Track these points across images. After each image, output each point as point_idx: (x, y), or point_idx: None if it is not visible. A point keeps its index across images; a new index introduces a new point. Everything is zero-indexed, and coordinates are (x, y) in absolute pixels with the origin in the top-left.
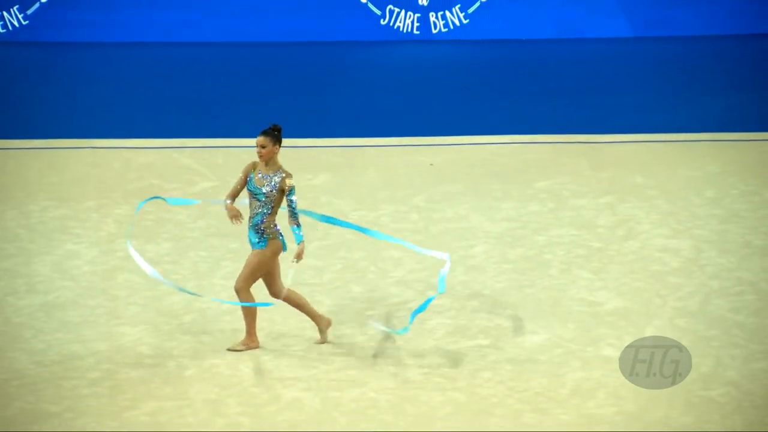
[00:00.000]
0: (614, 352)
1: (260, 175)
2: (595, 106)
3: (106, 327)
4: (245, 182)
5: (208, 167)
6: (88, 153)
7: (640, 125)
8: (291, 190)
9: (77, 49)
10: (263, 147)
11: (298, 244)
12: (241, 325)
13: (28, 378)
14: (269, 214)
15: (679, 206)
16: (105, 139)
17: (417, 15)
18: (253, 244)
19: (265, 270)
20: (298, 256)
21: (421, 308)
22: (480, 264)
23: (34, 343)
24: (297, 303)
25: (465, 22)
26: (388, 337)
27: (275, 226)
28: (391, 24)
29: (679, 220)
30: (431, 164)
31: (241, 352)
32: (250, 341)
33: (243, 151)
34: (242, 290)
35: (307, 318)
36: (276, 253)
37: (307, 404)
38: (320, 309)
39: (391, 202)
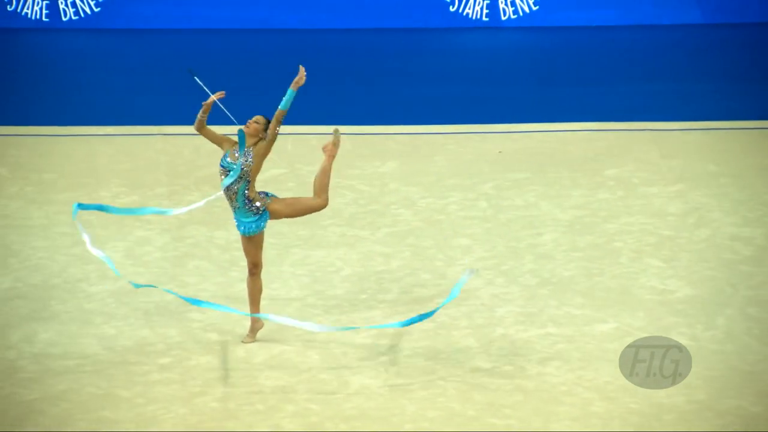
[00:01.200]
0: (686, 341)
1: (236, 153)
2: (666, 93)
3: (176, 313)
4: (213, 139)
5: (277, 153)
6: (159, 140)
7: (712, 112)
8: (264, 126)
9: (148, 35)
10: (257, 123)
11: (293, 92)
12: (305, 313)
13: (100, 363)
14: (248, 187)
15: (751, 194)
16: (175, 125)
17: (486, 2)
18: (253, 225)
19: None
20: (300, 78)
21: (428, 315)
22: (549, 252)
23: (106, 329)
24: (254, 290)
25: (534, 8)
26: (456, 324)
27: (258, 193)
28: (461, 11)
29: (751, 209)
30: (500, 152)
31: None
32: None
33: (312, 137)
34: (323, 196)
35: (375, 306)
36: (283, 199)
37: (375, 391)
38: (387, 296)
39: (459, 189)
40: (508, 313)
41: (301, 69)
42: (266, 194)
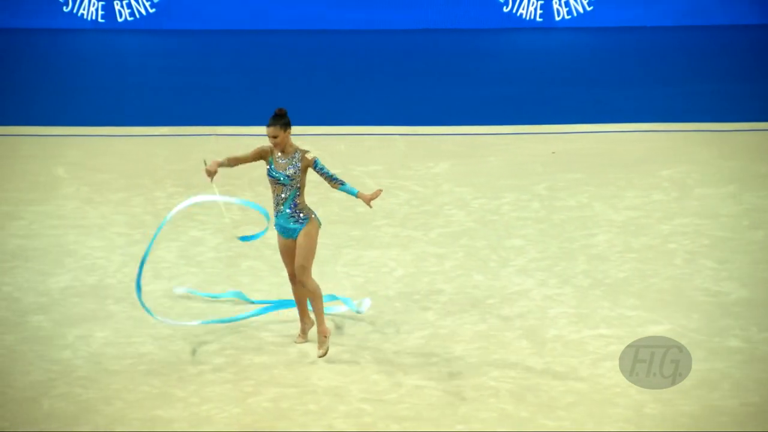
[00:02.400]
0: (740, 343)
1: (280, 160)
2: (721, 93)
3: (230, 313)
4: (252, 160)
5: (331, 154)
6: (213, 140)
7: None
8: (316, 161)
9: (202, 36)
10: (275, 137)
11: (358, 194)
12: (368, 316)
13: (154, 363)
14: (299, 195)
15: None
16: (229, 126)
17: (540, 2)
18: (292, 231)
19: (316, 245)
20: (374, 196)
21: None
22: (602, 253)
23: (160, 329)
24: (302, 297)
25: (588, 9)
26: (510, 325)
27: (307, 206)
28: (514, 11)
29: None
30: (553, 152)
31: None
32: (323, 331)
33: (366, 138)
34: (308, 275)
35: (428, 307)
36: (317, 230)
37: (428, 392)
38: (441, 297)
39: (512, 190)
40: (560, 314)
41: (377, 192)
42: (314, 212)
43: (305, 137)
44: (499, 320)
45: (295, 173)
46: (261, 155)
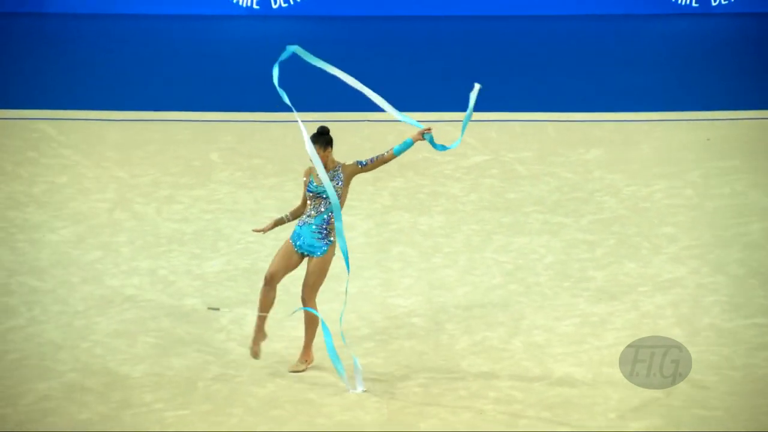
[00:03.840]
0: None
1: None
2: None
3: (380, 298)
4: (304, 194)
5: (481, 141)
6: (365, 126)
7: None
8: (359, 162)
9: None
10: (325, 153)
11: (413, 139)
12: (508, 300)
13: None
14: (332, 213)
15: None
16: (381, 112)
17: None
18: (314, 248)
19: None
20: (426, 130)
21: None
22: (757, 241)
23: None
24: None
25: None
26: (662, 314)
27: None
28: None
29: None
30: (708, 139)
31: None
32: (307, 356)
33: (516, 124)
34: (311, 300)
35: (578, 294)
36: (332, 257)
37: (579, 379)
38: (592, 285)
39: (664, 177)
40: (714, 303)
41: (427, 128)
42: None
43: (458, 123)
44: (652, 308)
45: (338, 184)
46: (305, 183)
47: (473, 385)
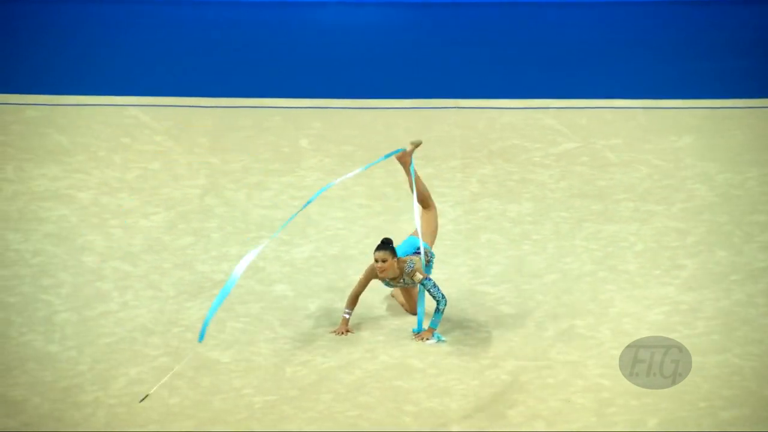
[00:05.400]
0: None
1: (390, 281)
2: None
3: (468, 285)
4: (366, 286)
5: (571, 128)
6: (453, 113)
7: None
8: (423, 283)
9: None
10: (384, 261)
11: (430, 326)
12: (596, 288)
13: (393, 333)
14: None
15: None
16: (470, 99)
17: None
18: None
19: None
20: (423, 337)
21: None
22: None
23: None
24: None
25: None
26: (754, 302)
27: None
28: None
29: None
30: None
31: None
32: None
33: (606, 111)
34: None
35: (668, 282)
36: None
37: (666, 369)
38: (682, 273)
39: (758, 165)
40: None
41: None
42: (412, 262)
43: (548, 110)
44: (743, 297)
45: (406, 283)
46: (369, 279)
47: (561, 373)
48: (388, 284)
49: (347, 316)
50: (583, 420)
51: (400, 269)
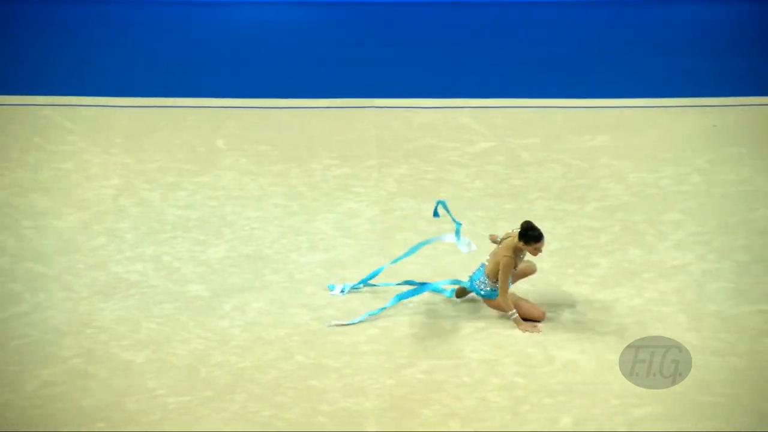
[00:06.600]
0: None
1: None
2: None
3: (383, 286)
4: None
5: (487, 127)
6: (369, 112)
7: None
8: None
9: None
10: (540, 252)
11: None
12: (521, 290)
13: (309, 333)
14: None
15: None
16: (386, 98)
17: None
18: (482, 293)
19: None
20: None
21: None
22: (763, 228)
23: (316, 299)
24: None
25: None
26: (667, 300)
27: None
28: None
29: None
30: (714, 125)
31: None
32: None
33: (522, 111)
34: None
35: (582, 281)
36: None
37: (582, 366)
38: (596, 271)
39: (671, 163)
40: (719, 290)
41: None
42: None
43: (463, 109)
44: (656, 295)
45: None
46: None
47: (477, 371)
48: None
49: (515, 315)
50: (498, 418)
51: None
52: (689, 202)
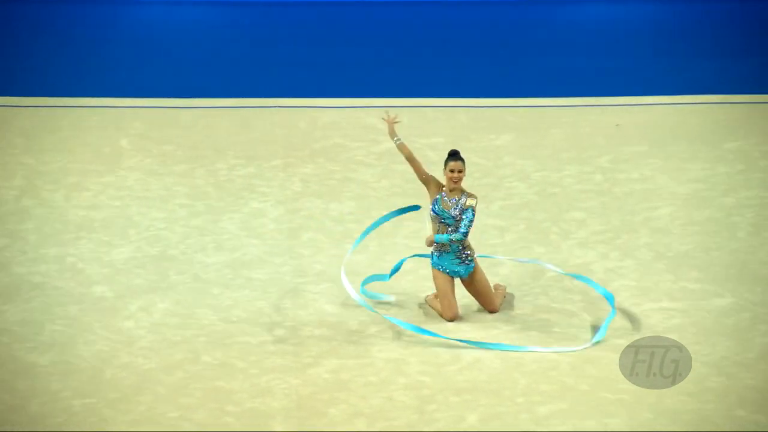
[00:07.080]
0: None
1: (446, 198)
2: None
3: (290, 285)
4: (419, 173)
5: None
6: (275, 112)
7: None
8: (468, 209)
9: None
10: (460, 172)
11: (436, 239)
12: (417, 286)
13: (216, 334)
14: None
15: None
16: (291, 98)
17: None
18: (458, 272)
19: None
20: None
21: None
22: (665, 226)
23: (222, 300)
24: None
25: None
26: (570, 299)
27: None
28: None
29: None
30: (617, 125)
31: (429, 314)
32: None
33: (428, 110)
34: (496, 303)
35: (489, 279)
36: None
37: (487, 365)
38: (502, 270)
39: (575, 162)
40: (622, 287)
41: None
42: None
43: (369, 109)
44: (561, 293)
45: (458, 214)
46: (430, 183)
47: (383, 371)
48: (438, 210)
49: (400, 142)
50: (404, 417)
51: (461, 188)
52: (592, 200)
